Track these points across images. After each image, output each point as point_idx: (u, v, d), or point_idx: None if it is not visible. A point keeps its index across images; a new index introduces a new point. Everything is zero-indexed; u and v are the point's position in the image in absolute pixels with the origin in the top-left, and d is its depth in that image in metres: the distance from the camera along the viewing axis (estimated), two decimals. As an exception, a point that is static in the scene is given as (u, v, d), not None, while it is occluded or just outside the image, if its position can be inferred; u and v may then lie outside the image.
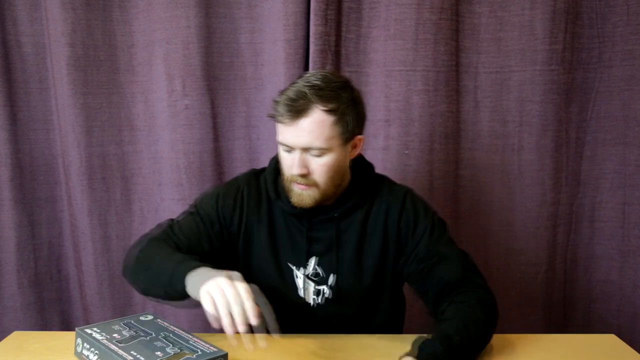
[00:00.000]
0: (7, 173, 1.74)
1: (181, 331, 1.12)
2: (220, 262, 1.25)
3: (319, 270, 1.24)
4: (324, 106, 1.12)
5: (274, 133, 1.70)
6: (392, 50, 1.73)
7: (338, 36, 1.73)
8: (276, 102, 1.15)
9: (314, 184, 1.17)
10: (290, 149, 1.16)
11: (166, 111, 1.75)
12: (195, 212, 1.28)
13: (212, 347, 1.05)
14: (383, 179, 1.33)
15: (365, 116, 1.24)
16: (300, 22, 1.68)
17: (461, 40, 1.78)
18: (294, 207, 1.21)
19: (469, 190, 1.87)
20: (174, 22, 1.69)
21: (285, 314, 1.07)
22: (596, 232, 1.89)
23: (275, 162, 1.26)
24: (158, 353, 1.02)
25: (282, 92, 1.16)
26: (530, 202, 1.84)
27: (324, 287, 1.24)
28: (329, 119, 1.13)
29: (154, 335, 1.10)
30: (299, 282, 1.24)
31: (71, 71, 1.68)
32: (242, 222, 1.26)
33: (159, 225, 1.29)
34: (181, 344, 1.07)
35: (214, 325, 0.97)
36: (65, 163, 1.77)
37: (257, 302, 0.98)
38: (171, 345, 1.06)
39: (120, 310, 1.83)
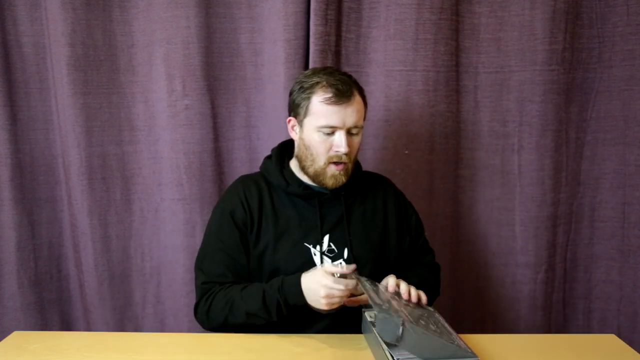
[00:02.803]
0: (7, 173, 1.74)
1: (449, 327, 1.16)
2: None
3: (333, 246, 1.33)
4: (358, 91, 1.32)
5: (274, 133, 1.72)
6: (392, 50, 1.73)
7: (338, 36, 1.73)
8: (318, 89, 1.28)
9: (349, 161, 1.33)
10: (332, 132, 1.28)
11: (166, 111, 1.75)
12: (218, 247, 1.35)
13: (468, 348, 1.06)
14: (367, 171, 1.50)
15: None
16: (300, 22, 1.68)
17: (461, 40, 1.78)
18: (305, 189, 1.35)
19: (469, 190, 1.87)
20: (174, 22, 1.69)
21: None
22: (596, 232, 1.89)
23: (277, 156, 1.40)
24: (422, 322, 1.11)
25: (317, 81, 1.28)
26: (530, 202, 1.84)
27: (340, 262, 1.33)
28: (362, 101, 1.34)
29: (426, 315, 1.17)
30: (317, 259, 1.32)
31: (71, 71, 1.68)
32: (253, 221, 1.35)
33: (201, 289, 1.34)
34: (445, 330, 1.11)
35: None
36: (65, 163, 1.77)
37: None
38: (435, 326, 1.11)
39: (120, 310, 1.83)
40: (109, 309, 1.81)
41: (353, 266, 1.20)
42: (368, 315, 1.22)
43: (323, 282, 1.17)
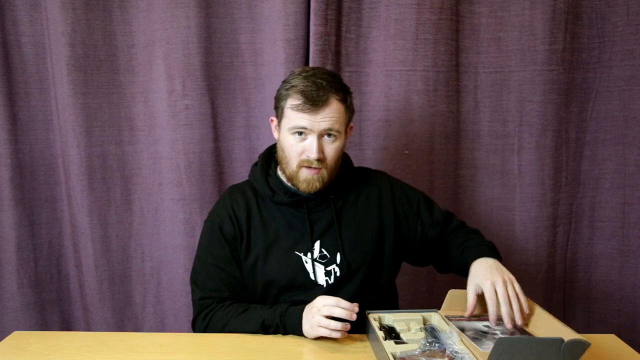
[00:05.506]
0: (7, 173, 1.74)
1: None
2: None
3: (325, 252, 1.31)
4: (338, 96, 1.26)
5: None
6: (392, 50, 1.73)
7: (338, 36, 1.73)
8: (292, 93, 1.25)
9: (325, 167, 1.28)
10: (304, 135, 1.25)
11: (166, 111, 1.75)
12: (210, 262, 1.34)
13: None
14: (362, 167, 1.46)
15: None
16: (300, 22, 1.69)
17: (461, 40, 1.78)
18: (291, 196, 1.32)
19: (469, 190, 1.87)
20: (174, 22, 1.69)
21: (302, 300, 1.23)
22: (596, 232, 1.89)
23: (264, 163, 1.38)
24: None
25: (294, 85, 1.25)
26: (530, 202, 1.84)
27: (333, 267, 1.31)
28: (342, 106, 1.28)
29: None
30: (309, 267, 1.30)
31: (71, 71, 1.68)
32: (242, 233, 1.34)
33: (198, 304, 1.33)
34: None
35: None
36: (65, 163, 1.77)
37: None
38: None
39: (120, 310, 1.83)
40: (109, 309, 1.81)
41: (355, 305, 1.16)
42: (372, 319, 1.21)
43: (322, 302, 1.16)
